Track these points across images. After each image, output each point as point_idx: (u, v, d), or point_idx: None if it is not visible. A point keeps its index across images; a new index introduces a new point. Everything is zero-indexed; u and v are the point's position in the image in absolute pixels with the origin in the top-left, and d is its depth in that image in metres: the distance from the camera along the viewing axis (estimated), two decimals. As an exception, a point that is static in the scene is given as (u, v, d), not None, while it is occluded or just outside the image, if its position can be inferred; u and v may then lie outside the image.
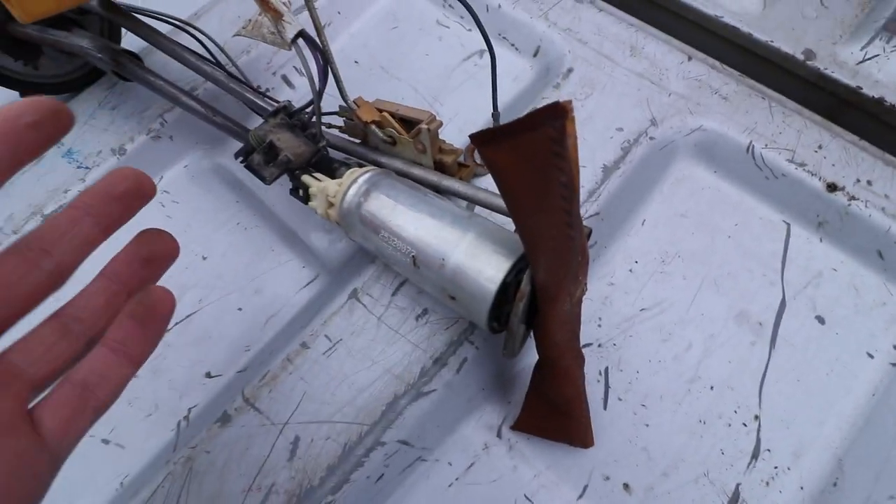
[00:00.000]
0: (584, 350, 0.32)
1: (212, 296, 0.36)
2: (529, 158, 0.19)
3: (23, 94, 0.43)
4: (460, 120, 0.40)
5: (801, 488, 0.29)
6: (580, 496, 0.29)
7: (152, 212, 0.38)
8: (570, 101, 0.18)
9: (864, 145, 0.36)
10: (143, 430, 0.32)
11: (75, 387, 0.16)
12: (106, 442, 0.32)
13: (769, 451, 0.30)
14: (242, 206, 0.39)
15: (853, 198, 0.34)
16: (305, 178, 0.32)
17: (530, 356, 0.31)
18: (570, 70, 0.40)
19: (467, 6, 0.33)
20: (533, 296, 0.23)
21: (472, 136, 0.21)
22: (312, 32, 0.30)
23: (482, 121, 0.40)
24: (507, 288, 0.23)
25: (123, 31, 0.44)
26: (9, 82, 0.42)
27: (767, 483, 0.29)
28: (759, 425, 0.30)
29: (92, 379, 0.17)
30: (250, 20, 0.32)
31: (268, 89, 0.43)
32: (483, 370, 0.31)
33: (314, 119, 0.32)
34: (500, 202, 0.30)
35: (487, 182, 0.37)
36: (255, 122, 0.40)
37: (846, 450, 0.29)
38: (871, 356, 0.31)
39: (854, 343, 0.32)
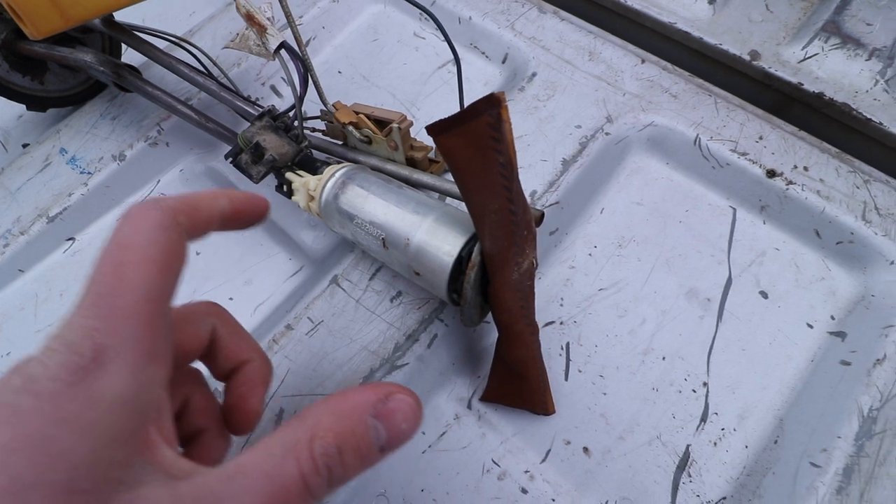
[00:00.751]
0: (546, 328, 0.35)
1: (205, 287, 0.39)
2: (473, 142, 0.23)
3: (29, 108, 0.46)
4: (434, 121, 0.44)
5: (746, 447, 0.31)
6: (543, 460, 0.32)
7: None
8: (503, 92, 0.21)
9: (802, 135, 0.39)
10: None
11: None
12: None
13: (716, 414, 0.32)
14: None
15: (791, 182, 0.37)
16: (289, 174, 0.35)
17: (495, 334, 0.34)
18: (534, 74, 0.43)
19: (434, 18, 0.36)
20: (483, 267, 0.26)
21: (427, 128, 0.24)
22: (294, 44, 0.34)
23: (454, 122, 0.43)
24: (462, 261, 0.26)
25: (123, 47, 0.48)
26: (17, 97, 0.45)
27: (715, 443, 0.32)
28: (708, 391, 0.33)
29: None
30: (238, 34, 0.36)
31: (257, 98, 0.46)
32: (453, 346, 0.34)
33: (296, 122, 0.35)
34: (465, 192, 0.33)
35: (458, 177, 0.40)
36: (245, 127, 0.44)
37: (787, 411, 0.32)
38: (810, 326, 0.34)
39: (795, 315, 0.35)
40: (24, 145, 0.48)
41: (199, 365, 0.23)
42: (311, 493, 0.15)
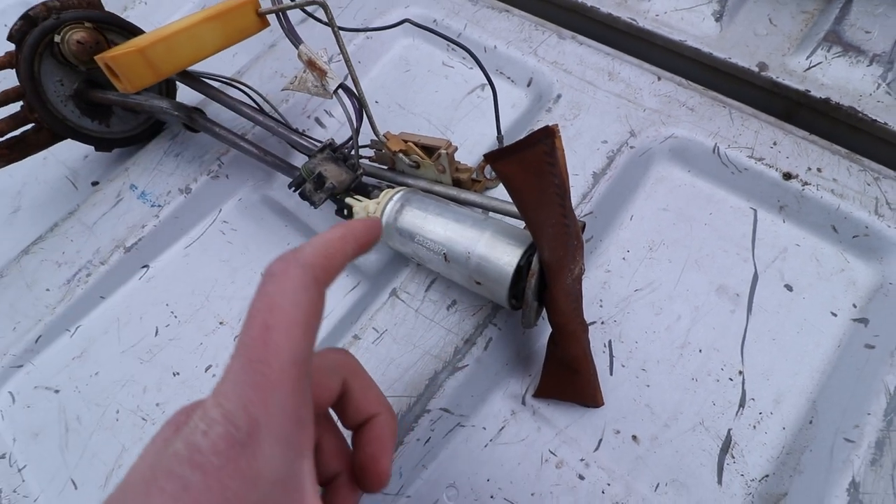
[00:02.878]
0: (589, 327, 0.38)
1: (272, 305, 0.42)
2: (530, 168, 0.26)
3: (97, 149, 0.51)
4: (469, 143, 0.47)
5: (783, 428, 0.34)
6: (596, 448, 0.35)
7: (215, 239, 0.46)
8: (556, 125, 0.25)
9: (813, 139, 0.42)
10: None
11: None
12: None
13: (753, 399, 0.35)
14: (290, 230, 0.46)
15: (806, 183, 0.40)
16: (349, 200, 0.38)
17: (543, 337, 0.37)
18: (559, 96, 0.47)
19: (468, 50, 0.40)
20: (541, 274, 0.29)
21: (486, 155, 0.28)
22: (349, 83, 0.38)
23: (488, 142, 0.47)
24: (521, 269, 0.30)
25: (178, 87, 0.53)
26: (88, 139, 0.50)
27: (754, 426, 0.34)
28: (743, 379, 0.36)
29: None
30: (295, 77, 0.40)
31: (304, 130, 0.51)
32: (506, 348, 0.37)
33: (353, 152, 0.39)
34: (509, 207, 0.37)
35: (497, 193, 0.44)
36: (297, 157, 0.48)
37: (819, 393, 0.35)
38: (834, 315, 0.37)
39: (819, 305, 0.38)
40: (94, 183, 0.52)
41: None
42: None
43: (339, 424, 0.24)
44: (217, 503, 0.14)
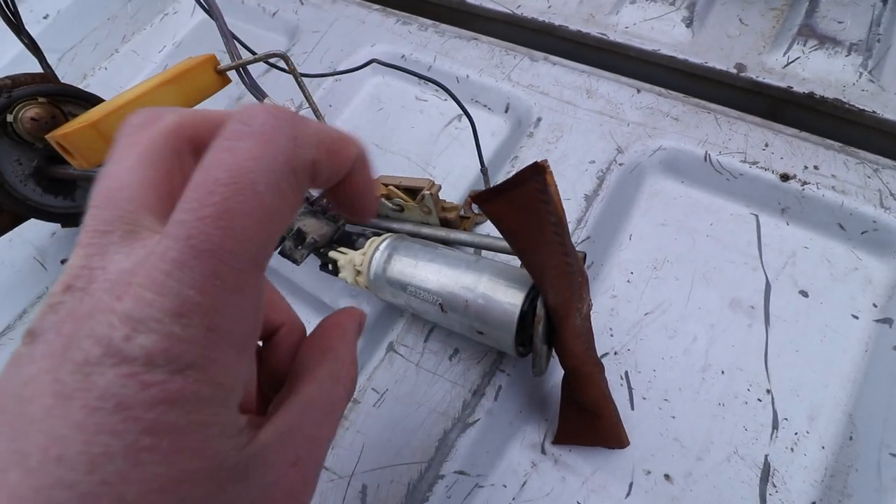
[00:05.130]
0: (602, 359, 0.36)
1: (262, 373, 0.39)
2: (523, 208, 0.24)
3: (64, 226, 0.48)
4: (453, 178, 0.46)
5: (823, 448, 0.32)
6: (627, 494, 0.32)
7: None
8: (546, 161, 0.23)
9: (804, 136, 0.41)
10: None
11: None
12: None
13: (786, 419, 0.33)
14: (277, 288, 0.43)
15: (805, 182, 0.39)
16: (332, 253, 0.36)
17: (555, 376, 0.35)
18: (539, 119, 0.46)
19: (439, 84, 0.39)
20: (548, 317, 0.27)
21: (473, 197, 0.26)
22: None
23: (471, 175, 0.45)
24: (526, 315, 0.27)
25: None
26: (53, 217, 0.47)
27: (792, 449, 0.32)
28: (773, 398, 0.33)
29: None
30: (264, 131, 0.38)
31: (280, 182, 0.48)
32: (517, 394, 0.35)
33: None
34: (501, 244, 0.35)
35: (487, 228, 0.42)
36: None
37: (854, 405, 0.32)
38: (855, 317, 0.35)
39: (839, 308, 0.36)
40: (63, 261, 0.50)
41: None
42: None
43: None
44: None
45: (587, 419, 0.31)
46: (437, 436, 0.33)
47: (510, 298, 0.28)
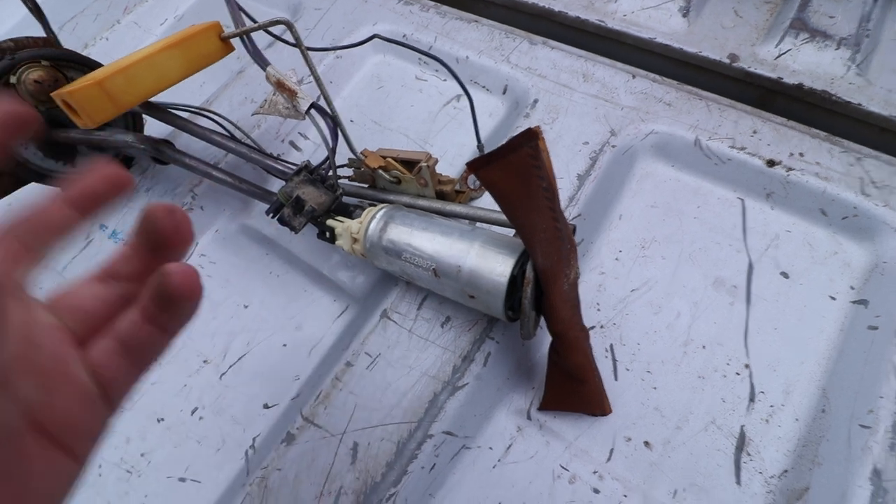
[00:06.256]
0: (590, 332, 0.37)
1: (258, 338, 0.40)
2: (516, 173, 0.25)
3: (64, 192, 0.49)
4: (449, 155, 0.47)
5: (797, 420, 0.33)
6: (608, 458, 0.33)
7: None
8: (538, 126, 0.24)
9: (792, 124, 0.42)
10: (215, 464, 0.36)
11: (119, 342, 0.17)
12: (183, 480, 0.35)
13: (763, 392, 0.34)
14: (273, 258, 0.44)
15: (790, 169, 0.40)
16: (330, 221, 0.37)
17: (543, 346, 0.36)
18: (535, 101, 0.47)
19: (440, 61, 0.40)
20: (536, 282, 0.28)
21: (469, 164, 0.27)
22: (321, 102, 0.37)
23: (468, 153, 0.46)
24: (515, 279, 0.28)
25: (145, 120, 0.51)
26: (52, 181, 0.47)
27: (767, 420, 0.33)
28: (750, 372, 0.35)
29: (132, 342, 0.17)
30: (265, 100, 0.39)
31: (279, 154, 0.49)
32: (506, 361, 0.36)
33: (330, 172, 0.38)
34: (495, 216, 0.36)
35: (482, 202, 0.42)
36: (273, 183, 0.46)
37: (828, 380, 0.34)
38: (833, 298, 0.37)
39: (817, 290, 0.37)
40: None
41: None
42: None
43: None
44: None
45: (572, 385, 0.32)
46: (427, 398, 0.34)
47: (501, 263, 0.29)
